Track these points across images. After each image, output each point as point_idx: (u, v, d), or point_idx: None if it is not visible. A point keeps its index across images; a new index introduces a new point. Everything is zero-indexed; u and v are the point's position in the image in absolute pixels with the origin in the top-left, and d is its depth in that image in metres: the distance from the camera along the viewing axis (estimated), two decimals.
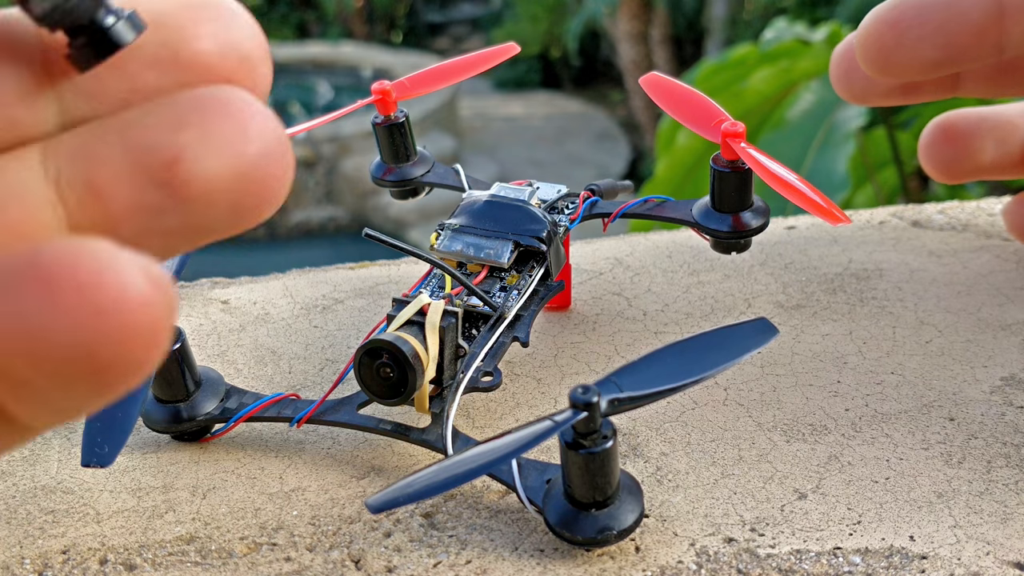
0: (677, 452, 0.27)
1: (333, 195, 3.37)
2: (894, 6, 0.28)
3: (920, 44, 0.28)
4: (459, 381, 0.26)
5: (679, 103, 0.30)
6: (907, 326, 0.32)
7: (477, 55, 0.35)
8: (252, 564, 0.23)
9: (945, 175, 0.36)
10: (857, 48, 0.29)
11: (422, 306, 0.26)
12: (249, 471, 0.27)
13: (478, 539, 0.24)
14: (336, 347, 0.33)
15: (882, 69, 0.29)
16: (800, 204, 0.27)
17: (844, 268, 0.36)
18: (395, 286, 0.37)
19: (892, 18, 0.28)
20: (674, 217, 0.31)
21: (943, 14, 0.27)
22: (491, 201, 0.31)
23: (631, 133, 4.30)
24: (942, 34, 0.27)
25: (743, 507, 0.25)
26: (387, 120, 0.33)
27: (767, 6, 3.72)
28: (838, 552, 0.23)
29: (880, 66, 0.29)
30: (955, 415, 0.28)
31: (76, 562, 0.24)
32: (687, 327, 0.33)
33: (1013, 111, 0.35)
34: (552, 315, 0.34)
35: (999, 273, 0.35)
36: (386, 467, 0.27)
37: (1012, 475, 0.25)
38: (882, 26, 0.28)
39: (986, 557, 0.23)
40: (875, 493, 0.25)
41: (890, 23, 0.28)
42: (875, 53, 0.28)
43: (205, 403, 0.27)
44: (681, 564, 0.23)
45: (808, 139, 0.99)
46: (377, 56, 4.34)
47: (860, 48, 0.29)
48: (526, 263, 0.30)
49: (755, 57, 1.05)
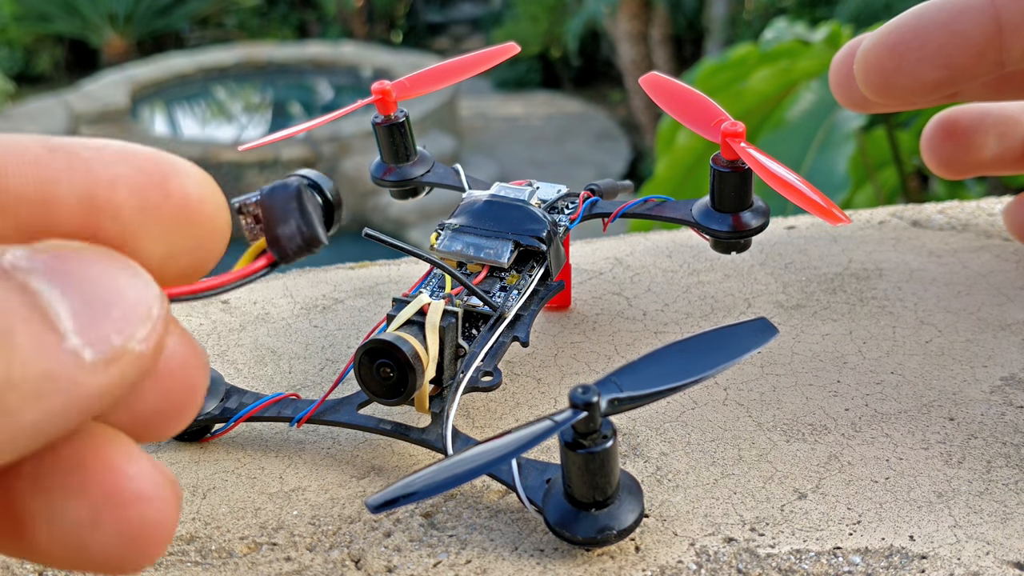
0: (677, 452, 0.27)
1: None
2: (892, 29, 0.28)
3: (920, 66, 0.28)
4: (459, 381, 0.26)
5: (679, 103, 0.30)
6: (907, 326, 0.32)
7: (477, 55, 0.35)
8: (252, 564, 0.23)
9: (947, 171, 0.36)
10: (857, 73, 0.29)
11: (422, 306, 0.26)
12: (249, 471, 0.27)
13: (478, 539, 0.24)
14: (336, 347, 0.33)
15: (883, 93, 0.29)
16: (800, 204, 0.27)
17: (844, 268, 0.36)
18: (395, 286, 0.37)
19: (891, 42, 0.28)
20: (674, 217, 0.31)
21: (942, 35, 0.27)
22: (491, 201, 0.31)
23: (631, 133, 4.30)
24: (942, 55, 0.27)
25: (743, 507, 0.25)
26: (387, 120, 0.33)
27: (767, 6, 3.72)
28: (838, 552, 0.23)
29: (881, 90, 0.29)
30: (955, 415, 0.28)
31: None
32: (687, 327, 0.33)
33: (1015, 107, 0.35)
34: (552, 315, 0.34)
35: (999, 273, 0.35)
36: (386, 467, 0.27)
37: (1012, 475, 0.25)
38: (881, 50, 0.28)
39: (986, 557, 0.23)
40: (875, 493, 0.25)
41: (889, 47, 0.28)
42: (875, 77, 0.28)
43: (205, 403, 0.27)
44: (681, 564, 0.23)
45: (808, 139, 0.99)
46: (377, 56, 4.34)
47: (860, 73, 0.29)
48: (526, 263, 0.30)
49: (755, 57, 1.05)
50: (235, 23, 5.92)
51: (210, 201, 0.17)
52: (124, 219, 0.16)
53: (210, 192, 0.17)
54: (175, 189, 0.16)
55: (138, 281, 0.16)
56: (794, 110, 1.01)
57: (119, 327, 0.15)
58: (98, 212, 0.15)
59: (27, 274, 0.15)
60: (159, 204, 0.16)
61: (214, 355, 0.32)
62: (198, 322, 0.34)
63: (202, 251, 0.17)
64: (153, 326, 0.16)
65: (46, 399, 0.15)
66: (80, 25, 5.30)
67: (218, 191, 0.17)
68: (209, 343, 0.33)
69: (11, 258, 0.15)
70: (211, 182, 0.17)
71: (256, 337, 0.34)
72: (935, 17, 0.27)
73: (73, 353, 0.15)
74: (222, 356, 0.32)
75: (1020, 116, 0.35)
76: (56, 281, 0.15)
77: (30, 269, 0.15)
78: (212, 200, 0.17)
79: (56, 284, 0.15)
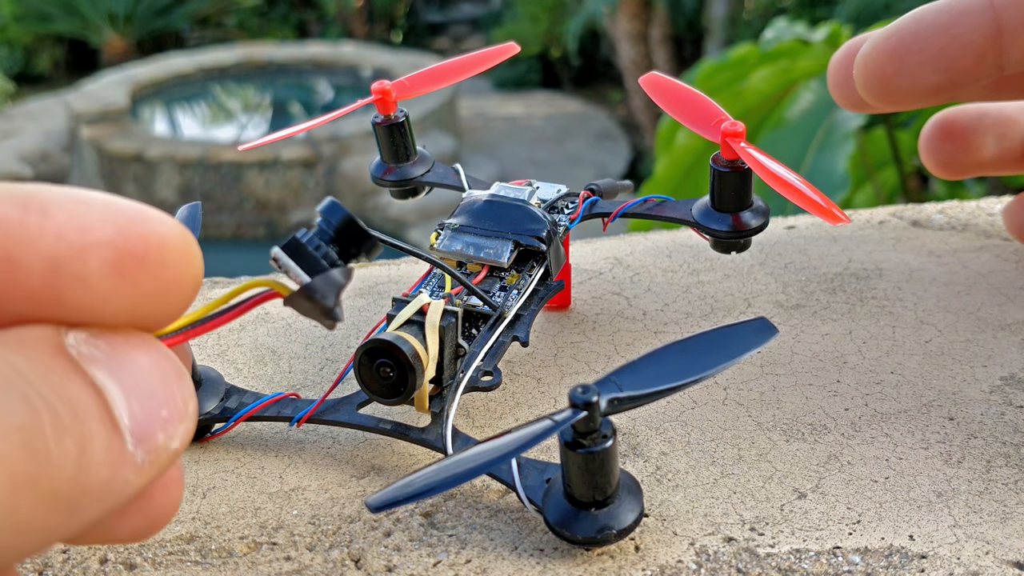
0: (677, 452, 0.27)
1: (333, 195, 3.36)
2: (891, 34, 0.28)
3: (920, 71, 0.27)
4: (459, 380, 0.26)
5: (679, 103, 0.30)
6: (907, 326, 0.32)
7: (477, 55, 0.35)
8: (252, 563, 0.23)
9: (946, 171, 0.35)
10: (857, 77, 0.29)
11: (422, 305, 0.26)
12: (249, 471, 0.27)
13: (478, 538, 0.24)
14: (336, 347, 0.33)
15: (882, 97, 0.28)
16: (800, 204, 0.27)
17: (844, 268, 0.36)
18: (395, 286, 0.37)
19: (891, 46, 0.28)
20: (674, 217, 0.31)
21: (942, 39, 0.27)
22: (491, 201, 0.31)
23: (631, 133, 4.30)
24: (942, 59, 0.27)
25: (743, 506, 0.25)
26: (387, 120, 0.33)
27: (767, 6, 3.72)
28: (838, 551, 0.23)
29: (880, 94, 0.28)
30: (955, 415, 0.28)
31: (76, 561, 0.24)
32: (687, 327, 0.33)
33: (1013, 107, 0.35)
34: (552, 315, 0.34)
35: (999, 273, 0.35)
36: (386, 467, 0.27)
37: (1012, 475, 0.25)
38: (881, 54, 0.28)
39: (985, 556, 0.23)
40: (875, 492, 0.25)
41: (889, 51, 0.28)
42: (875, 82, 0.28)
43: (205, 402, 0.27)
44: (681, 564, 0.23)
45: (808, 139, 0.99)
46: (377, 56, 4.34)
47: (860, 78, 0.29)
48: (526, 263, 0.30)
49: (755, 57, 1.05)
50: (235, 23, 5.92)
51: (187, 264, 0.16)
52: (93, 287, 0.15)
53: (187, 253, 0.16)
54: (152, 255, 0.15)
55: (182, 379, 0.16)
56: (794, 110, 1.01)
57: (164, 426, 0.15)
58: (65, 279, 0.15)
59: (91, 363, 0.15)
60: (133, 272, 0.15)
61: (214, 355, 0.33)
62: None
63: (173, 308, 0.16)
64: (189, 425, 0.16)
65: (108, 501, 0.15)
66: (80, 25, 5.30)
67: (195, 248, 0.16)
68: (209, 343, 0.33)
69: (73, 342, 0.15)
70: (188, 239, 0.16)
71: (256, 337, 0.34)
72: (935, 20, 0.27)
73: (132, 456, 0.15)
74: (222, 356, 0.32)
75: (1019, 116, 0.35)
76: (115, 376, 0.15)
77: (92, 358, 0.15)
78: (189, 262, 0.16)
79: (115, 379, 0.15)
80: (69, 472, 0.14)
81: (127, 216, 0.15)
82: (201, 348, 0.33)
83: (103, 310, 0.15)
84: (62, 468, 0.14)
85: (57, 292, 0.15)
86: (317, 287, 0.17)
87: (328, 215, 0.19)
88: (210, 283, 0.37)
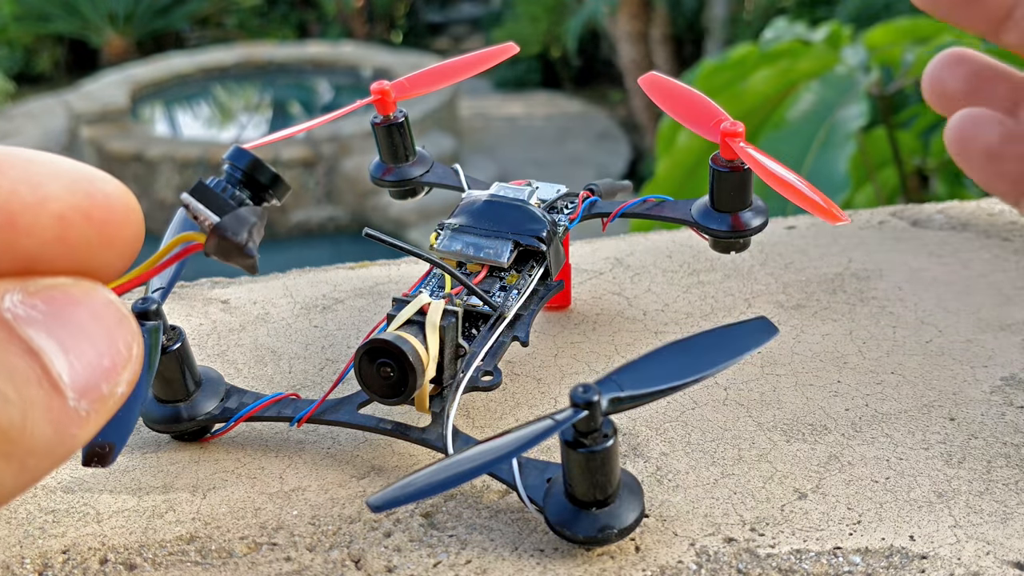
0: (677, 452, 0.27)
1: (333, 195, 3.37)
2: None
3: None
4: (459, 380, 0.26)
5: (679, 103, 0.30)
6: (907, 326, 0.32)
7: (477, 55, 0.35)
8: (252, 564, 0.23)
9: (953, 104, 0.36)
10: None
11: (422, 305, 0.26)
12: (249, 471, 0.27)
13: (478, 539, 0.24)
14: (336, 347, 0.33)
15: None
16: (800, 204, 0.27)
17: (844, 268, 0.36)
18: (395, 286, 0.37)
19: None
20: (674, 217, 0.31)
21: None
22: (491, 201, 0.31)
23: (631, 133, 4.30)
24: None
25: (743, 507, 0.25)
26: (386, 120, 0.33)
27: (767, 6, 3.71)
28: (838, 552, 0.23)
29: None
30: (955, 415, 0.28)
31: (76, 562, 0.24)
32: (687, 327, 0.33)
33: None
34: (552, 315, 0.34)
35: (999, 273, 0.35)
36: (386, 467, 0.27)
37: (1012, 475, 0.25)
38: None
39: (986, 557, 0.23)
40: (875, 493, 0.25)
41: None
42: None
43: (205, 403, 0.27)
44: (681, 564, 0.23)
45: (808, 139, 0.99)
46: (377, 56, 4.34)
47: None
48: (526, 263, 0.30)
49: (755, 57, 1.05)
50: (235, 23, 5.92)
51: (129, 219, 0.17)
52: (44, 238, 0.16)
53: (129, 209, 0.17)
54: (98, 209, 0.17)
55: (123, 324, 0.17)
56: (794, 110, 1.01)
57: (107, 376, 0.16)
58: (19, 232, 0.16)
59: (28, 326, 0.15)
60: (80, 225, 0.16)
61: (214, 355, 0.32)
62: (198, 322, 0.34)
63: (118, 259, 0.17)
64: (134, 367, 0.16)
65: (56, 455, 0.15)
66: (80, 25, 5.30)
67: (135, 205, 0.17)
68: (209, 343, 0.33)
69: (10, 304, 0.15)
70: (129, 197, 0.17)
71: (256, 337, 0.33)
72: None
73: (75, 411, 0.15)
74: (222, 356, 0.32)
75: None
76: (54, 334, 0.16)
77: (30, 320, 0.15)
78: (131, 218, 0.17)
79: (54, 337, 0.15)
80: (14, 436, 0.15)
81: (76, 175, 0.17)
82: (201, 348, 0.33)
83: (53, 261, 0.16)
84: (7, 434, 0.15)
85: (11, 243, 0.16)
86: (227, 225, 0.18)
87: (234, 160, 0.19)
88: (210, 283, 0.37)
